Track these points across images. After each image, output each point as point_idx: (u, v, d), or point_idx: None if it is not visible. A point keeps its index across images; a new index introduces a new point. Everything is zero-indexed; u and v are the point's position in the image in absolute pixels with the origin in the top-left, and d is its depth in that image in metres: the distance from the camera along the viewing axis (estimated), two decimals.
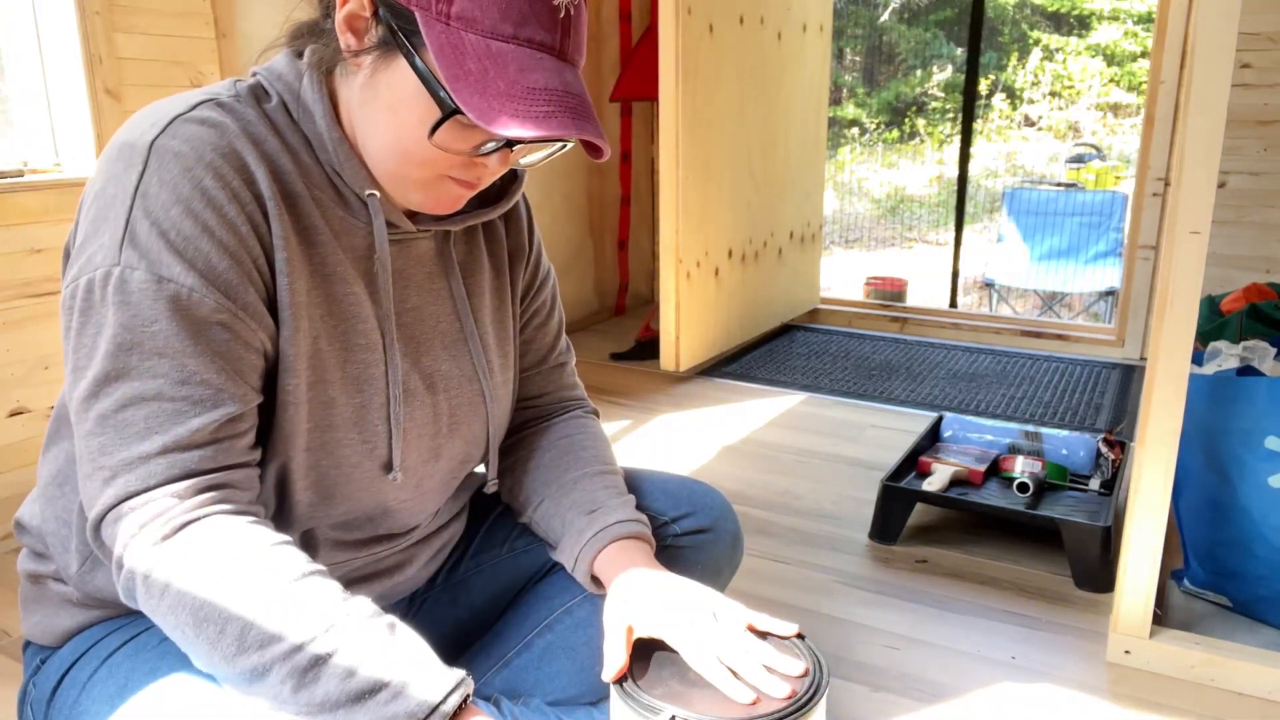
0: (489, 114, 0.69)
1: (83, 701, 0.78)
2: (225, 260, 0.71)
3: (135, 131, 0.73)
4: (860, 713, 1.29)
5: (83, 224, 0.73)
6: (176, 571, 0.67)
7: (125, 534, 0.68)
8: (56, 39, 1.88)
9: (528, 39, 0.72)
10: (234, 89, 0.78)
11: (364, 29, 0.74)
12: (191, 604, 0.67)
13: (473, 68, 0.70)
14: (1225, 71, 1.17)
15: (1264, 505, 1.39)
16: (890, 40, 9.87)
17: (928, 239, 7.95)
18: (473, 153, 0.76)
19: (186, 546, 0.68)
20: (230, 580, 0.67)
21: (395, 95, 0.74)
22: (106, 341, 0.69)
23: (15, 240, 1.80)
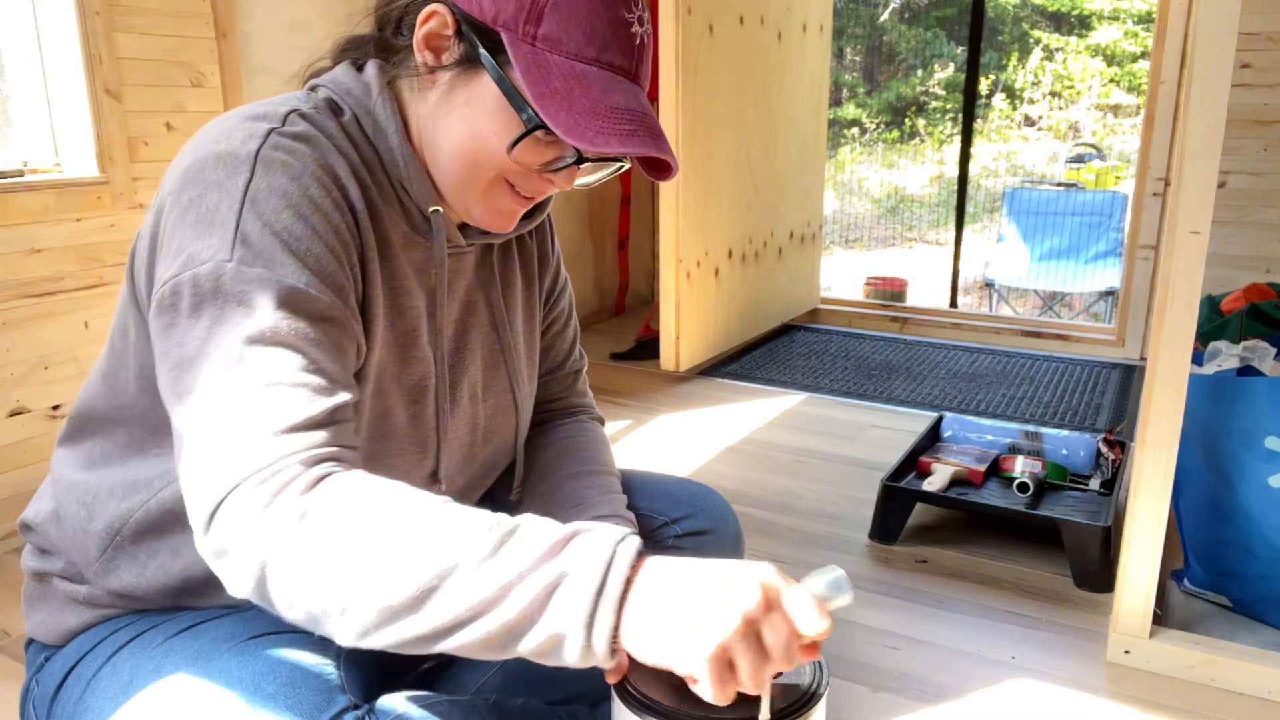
0: (575, 130, 0.72)
1: (87, 698, 0.78)
2: (333, 263, 0.73)
3: (232, 143, 0.73)
4: (860, 713, 1.29)
5: (178, 229, 0.71)
6: (338, 501, 0.64)
7: (264, 497, 0.64)
8: (56, 39, 1.88)
9: (608, 62, 0.76)
10: (311, 101, 0.79)
11: (443, 47, 0.77)
12: (363, 520, 0.63)
13: (559, 86, 0.73)
14: (1225, 71, 1.17)
15: (1264, 505, 1.39)
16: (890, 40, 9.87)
17: (928, 239, 7.95)
18: (544, 168, 0.79)
19: (339, 484, 0.65)
20: (394, 499, 0.65)
21: (474, 110, 0.77)
22: (224, 333, 0.68)
23: (15, 240, 1.80)
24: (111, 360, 0.83)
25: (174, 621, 0.81)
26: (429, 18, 0.76)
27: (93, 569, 0.83)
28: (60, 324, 1.90)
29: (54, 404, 1.90)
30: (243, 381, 0.66)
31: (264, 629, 0.80)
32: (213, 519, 0.64)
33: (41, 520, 0.87)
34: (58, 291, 1.89)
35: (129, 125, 1.98)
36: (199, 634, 0.79)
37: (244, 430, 0.65)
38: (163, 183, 0.76)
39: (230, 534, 0.63)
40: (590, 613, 0.61)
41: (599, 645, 0.61)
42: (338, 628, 0.63)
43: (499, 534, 0.63)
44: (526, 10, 0.74)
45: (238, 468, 0.64)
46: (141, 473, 0.82)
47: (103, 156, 1.94)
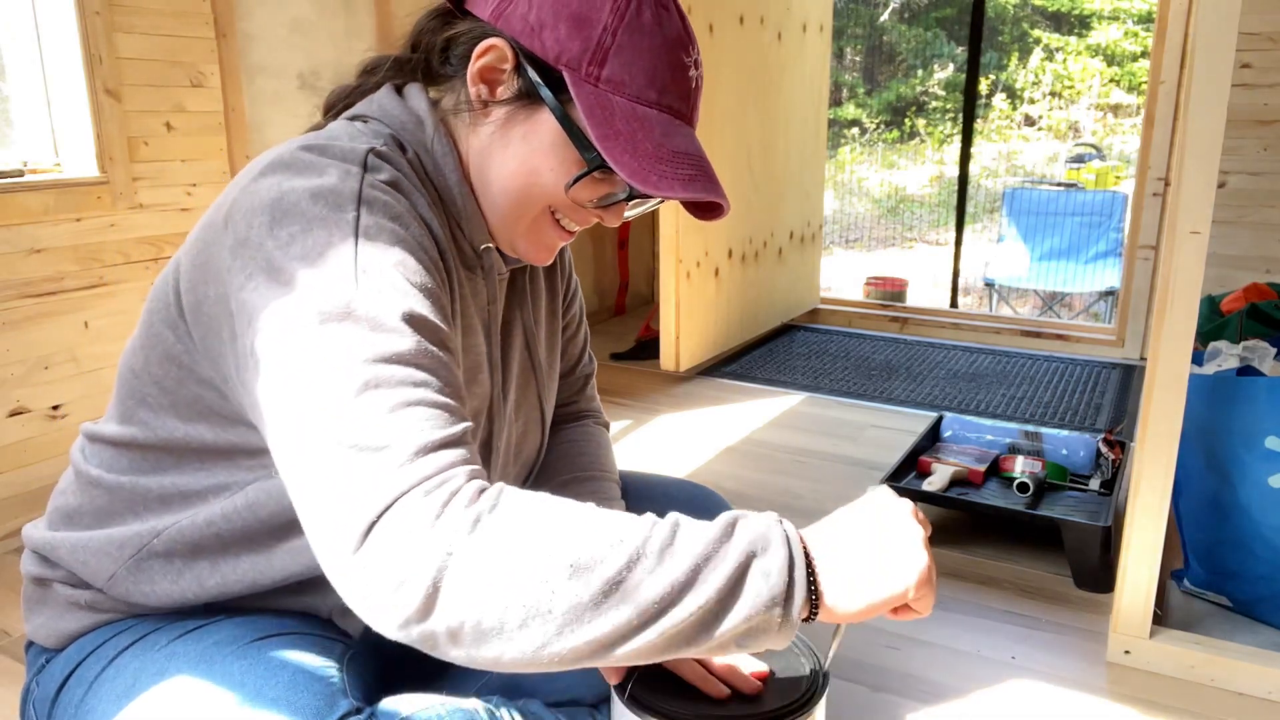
0: (639, 174, 0.73)
1: (89, 701, 0.78)
2: (443, 295, 0.74)
3: (327, 180, 0.71)
4: (860, 713, 1.29)
5: (284, 262, 0.68)
6: (508, 508, 0.62)
7: (434, 507, 0.61)
8: (56, 39, 1.88)
9: (667, 105, 0.77)
10: (380, 137, 0.78)
11: (499, 81, 0.78)
12: (538, 524, 0.62)
13: (621, 128, 0.74)
14: (1225, 71, 1.17)
15: (1264, 505, 1.39)
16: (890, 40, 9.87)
17: (928, 239, 7.95)
18: (597, 204, 0.80)
19: (501, 494, 0.64)
20: (558, 503, 0.64)
21: (531, 146, 0.78)
22: (358, 354, 0.65)
23: (15, 240, 1.80)
24: (151, 394, 0.79)
25: (177, 625, 0.81)
26: (487, 51, 0.76)
27: (110, 575, 0.81)
28: (60, 324, 1.90)
29: (54, 404, 1.90)
30: (385, 400, 0.63)
31: (267, 632, 0.80)
32: (369, 533, 0.59)
33: (48, 534, 0.86)
34: (58, 291, 1.89)
35: (129, 125, 1.98)
36: (202, 637, 0.79)
37: (395, 446, 0.62)
38: (229, 219, 0.72)
39: (396, 547, 0.59)
40: (787, 583, 0.63)
41: (797, 614, 0.63)
42: (516, 642, 0.59)
43: (668, 526, 0.63)
44: (591, 51, 0.74)
45: (396, 481, 0.61)
46: (191, 484, 0.80)
47: (103, 156, 1.94)
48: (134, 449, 0.81)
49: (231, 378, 0.73)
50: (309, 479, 0.62)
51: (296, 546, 0.80)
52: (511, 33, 0.76)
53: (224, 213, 0.73)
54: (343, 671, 0.79)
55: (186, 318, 0.75)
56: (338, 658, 0.81)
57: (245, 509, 0.78)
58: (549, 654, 0.59)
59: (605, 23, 0.75)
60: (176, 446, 0.79)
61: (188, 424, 0.78)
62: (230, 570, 0.80)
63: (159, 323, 0.78)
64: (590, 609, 0.59)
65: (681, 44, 0.78)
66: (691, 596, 0.60)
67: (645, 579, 0.60)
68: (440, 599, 0.58)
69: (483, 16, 0.78)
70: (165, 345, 0.77)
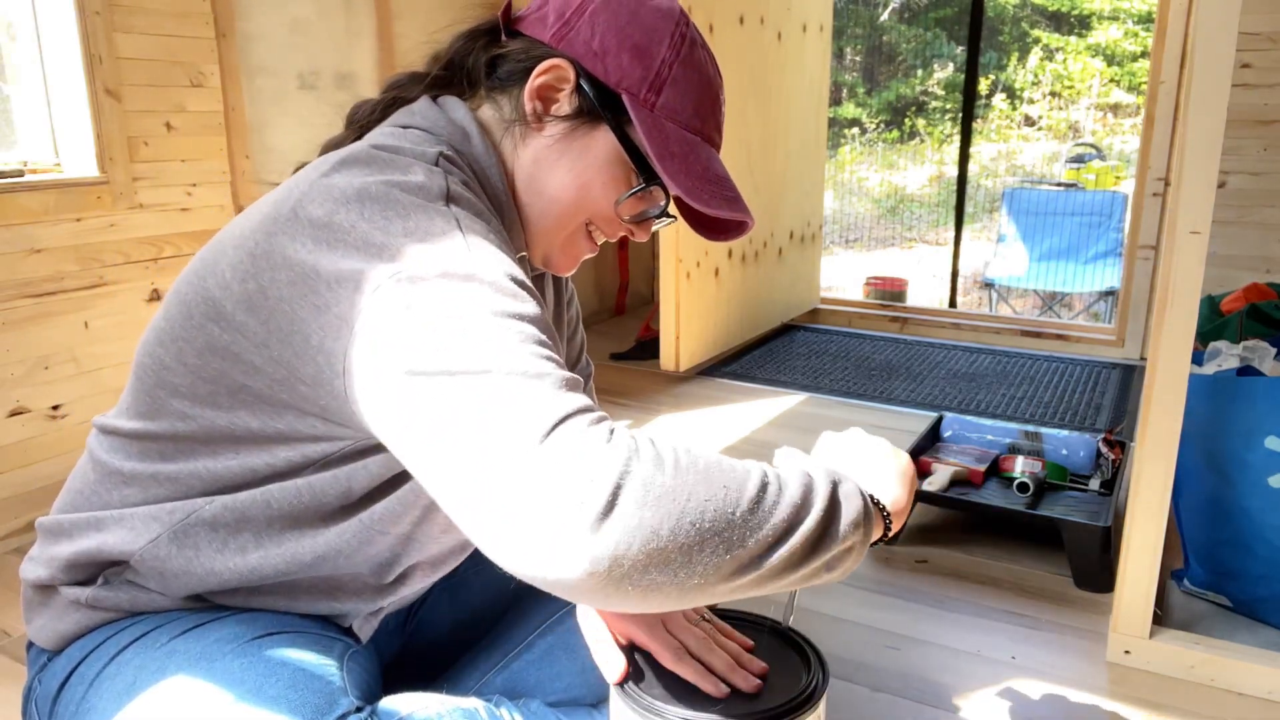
0: (694, 192, 0.80)
1: (90, 698, 0.78)
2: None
3: (413, 175, 0.72)
4: (860, 713, 1.29)
5: (385, 238, 0.68)
6: (665, 440, 0.64)
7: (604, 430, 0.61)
8: (56, 39, 1.89)
9: (708, 135, 0.86)
10: (435, 143, 0.80)
11: (554, 99, 0.83)
12: (693, 454, 0.64)
13: (676, 151, 0.81)
14: (1225, 71, 1.17)
15: (1264, 505, 1.39)
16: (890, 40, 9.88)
17: (928, 239, 7.95)
18: (634, 219, 0.87)
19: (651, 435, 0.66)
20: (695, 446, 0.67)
21: (586, 162, 0.84)
22: (493, 310, 0.65)
23: (15, 240, 1.80)
24: (186, 385, 0.78)
25: (177, 623, 0.81)
26: (548, 70, 0.82)
27: (154, 538, 0.80)
28: (60, 324, 1.90)
29: (54, 404, 1.90)
30: (530, 344, 0.64)
31: (268, 630, 0.80)
32: (552, 433, 0.59)
33: (82, 487, 0.84)
34: (58, 291, 1.89)
35: (129, 125, 1.98)
36: (202, 635, 0.79)
37: (552, 376, 0.63)
38: (299, 209, 0.71)
39: (580, 450, 0.58)
40: (862, 505, 0.69)
41: (870, 531, 0.70)
42: (675, 560, 0.59)
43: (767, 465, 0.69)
44: (650, 80, 0.82)
45: (564, 401, 0.61)
46: (228, 469, 0.80)
47: (103, 156, 1.94)
48: (164, 440, 0.80)
49: (312, 349, 0.70)
50: (474, 400, 0.60)
51: (343, 529, 0.80)
52: (574, 55, 0.83)
53: (290, 206, 0.72)
54: (343, 670, 0.79)
55: (239, 308, 0.74)
56: (337, 657, 0.81)
57: (305, 487, 0.78)
58: (702, 571, 0.60)
59: (664, 56, 0.83)
60: (215, 435, 0.78)
61: (230, 412, 0.77)
62: (273, 547, 0.80)
63: (200, 316, 0.76)
64: (740, 528, 0.61)
65: (718, 82, 0.88)
66: (809, 519, 0.65)
67: (777, 500, 0.63)
68: (622, 502, 0.57)
69: (541, 38, 0.84)
70: (208, 337, 0.76)
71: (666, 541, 0.58)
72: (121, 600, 0.82)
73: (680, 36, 0.84)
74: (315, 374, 0.71)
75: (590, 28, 0.83)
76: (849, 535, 0.67)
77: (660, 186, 0.84)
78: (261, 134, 2.26)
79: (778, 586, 0.65)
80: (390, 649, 1.03)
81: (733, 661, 0.79)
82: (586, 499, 0.56)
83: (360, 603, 0.88)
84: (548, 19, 0.85)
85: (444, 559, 0.92)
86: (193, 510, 0.79)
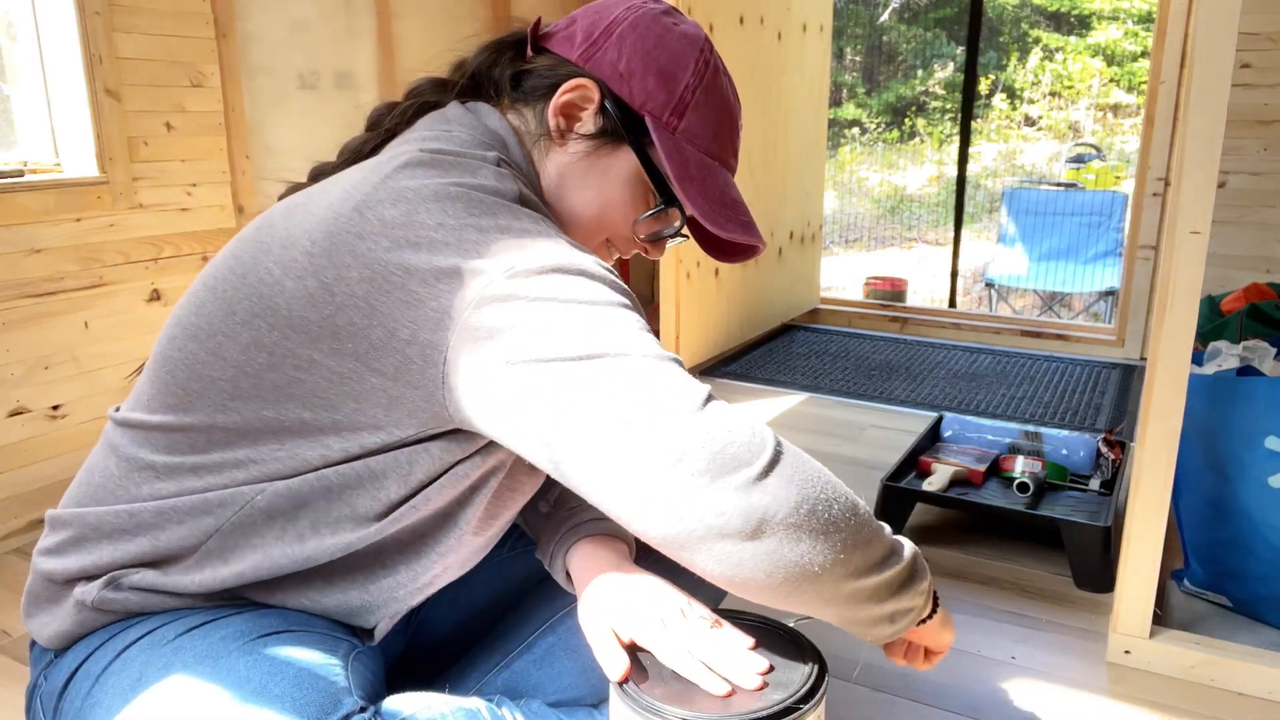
0: (710, 215, 0.83)
1: (95, 694, 0.78)
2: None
3: (483, 179, 0.74)
4: (860, 713, 1.29)
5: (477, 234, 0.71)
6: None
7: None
8: (56, 39, 1.89)
9: (725, 161, 0.88)
10: (494, 151, 0.82)
11: (578, 117, 0.85)
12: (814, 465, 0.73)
13: (695, 174, 0.83)
14: (1225, 71, 1.17)
15: (1264, 505, 1.39)
16: (890, 40, 9.88)
17: (928, 239, 7.95)
18: (650, 237, 0.89)
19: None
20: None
21: (609, 179, 0.86)
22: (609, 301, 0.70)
23: (15, 240, 1.80)
24: (227, 379, 0.78)
25: (183, 620, 0.80)
26: (574, 89, 0.84)
27: (214, 531, 0.79)
28: (60, 324, 1.90)
29: (54, 404, 1.90)
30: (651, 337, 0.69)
31: (273, 629, 0.80)
32: (707, 404, 0.66)
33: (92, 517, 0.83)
34: (58, 291, 1.89)
35: (129, 125, 1.98)
36: (208, 632, 0.79)
37: (678, 365, 0.69)
38: (368, 209, 0.73)
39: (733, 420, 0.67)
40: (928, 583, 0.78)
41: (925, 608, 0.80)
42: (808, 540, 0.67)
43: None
44: (674, 105, 0.84)
45: (702, 385, 0.68)
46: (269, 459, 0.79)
47: (103, 156, 1.94)
48: (198, 432, 0.80)
49: (401, 342, 0.71)
50: (625, 379, 0.65)
51: (398, 517, 0.80)
52: (600, 75, 0.84)
53: (352, 206, 0.73)
54: (347, 670, 0.79)
55: (295, 304, 0.74)
56: (342, 656, 0.81)
57: (364, 469, 0.78)
58: (822, 562, 0.67)
59: (688, 81, 0.84)
60: (259, 425, 0.78)
61: (278, 405, 0.77)
62: (329, 535, 0.79)
63: (244, 313, 0.76)
64: (857, 532, 0.70)
65: (738, 109, 0.89)
66: (904, 553, 0.75)
67: (876, 535, 0.72)
68: (777, 471, 0.67)
69: (568, 57, 0.86)
70: (254, 333, 0.76)
71: (805, 518, 0.66)
72: (131, 603, 0.82)
73: (704, 63, 0.86)
74: (399, 366, 0.72)
75: (618, 50, 0.85)
76: (921, 592, 0.76)
77: (677, 207, 0.86)
78: (262, 134, 2.26)
79: (863, 612, 0.74)
80: (394, 649, 1.03)
81: (735, 659, 0.79)
82: (746, 462, 0.65)
83: (391, 600, 0.88)
84: (575, 38, 0.87)
85: (470, 559, 0.92)
86: (245, 501, 0.79)
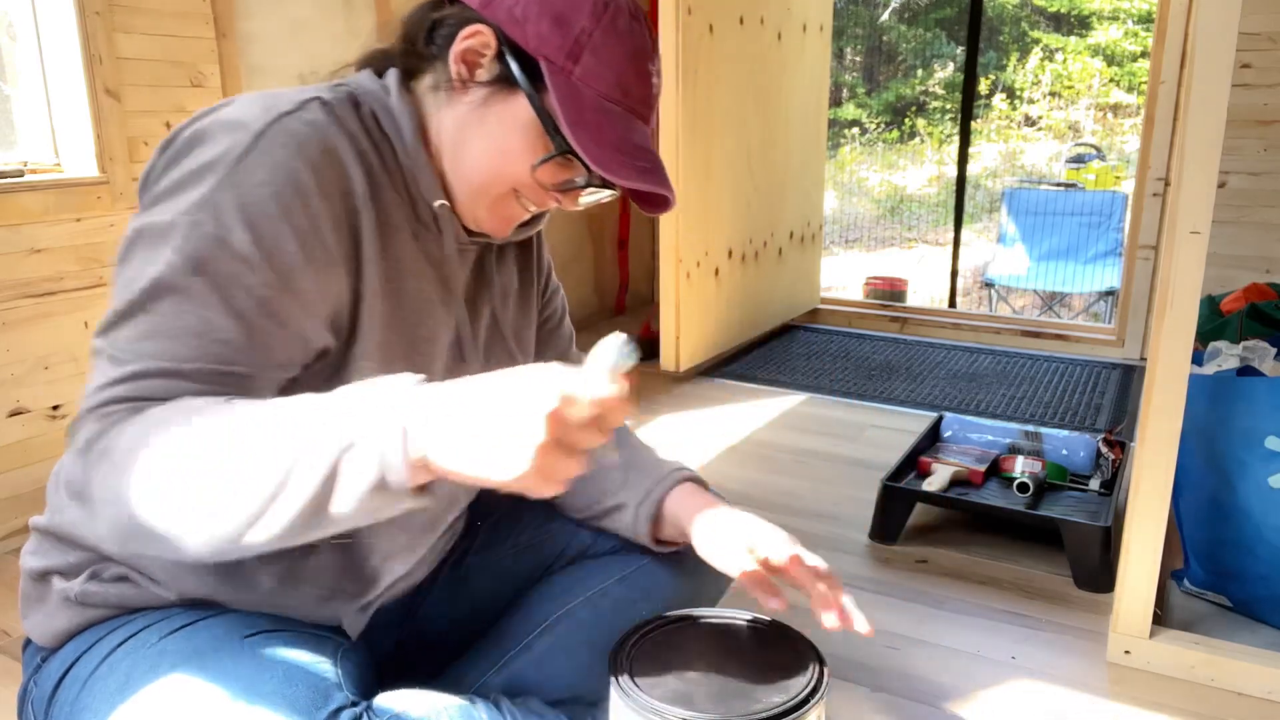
0: (602, 161, 0.80)
1: (84, 698, 0.78)
2: (294, 245, 0.75)
3: (247, 115, 0.76)
4: (860, 713, 1.29)
5: (171, 175, 0.75)
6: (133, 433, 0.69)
7: (88, 434, 0.69)
8: (56, 39, 1.88)
9: (630, 106, 0.85)
10: (331, 93, 0.83)
11: (478, 64, 0.83)
12: (143, 445, 0.67)
13: (589, 119, 0.81)
14: (1225, 71, 1.17)
15: (1264, 505, 1.39)
16: (890, 40, 9.88)
17: (928, 239, 7.95)
18: (556, 187, 0.86)
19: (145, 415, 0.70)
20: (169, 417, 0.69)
21: (505, 126, 0.83)
22: (148, 278, 0.72)
23: (15, 240, 1.80)
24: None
25: (168, 621, 0.81)
26: (472, 35, 0.82)
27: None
28: (60, 324, 1.90)
29: (54, 404, 1.90)
30: (148, 326, 0.72)
31: (259, 628, 0.80)
32: (79, 421, 0.71)
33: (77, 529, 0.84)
34: (58, 291, 1.88)
35: (129, 125, 1.98)
36: (194, 633, 0.79)
37: (126, 364, 0.71)
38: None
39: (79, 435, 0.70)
40: (379, 471, 0.64)
41: (401, 488, 0.64)
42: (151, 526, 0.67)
43: (272, 426, 0.67)
44: (569, 47, 0.81)
45: (110, 392, 0.71)
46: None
47: (103, 156, 1.94)
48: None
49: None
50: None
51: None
52: (497, 21, 0.82)
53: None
54: (337, 666, 0.79)
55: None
56: (330, 654, 0.81)
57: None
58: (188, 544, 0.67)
59: (584, 24, 0.82)
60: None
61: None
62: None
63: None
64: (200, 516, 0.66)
65: (646, 54, 0.85)
66: (285, 498, 0.65)
67: (241, 489, 0.65)
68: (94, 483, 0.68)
69: (471, 4, 0.84)
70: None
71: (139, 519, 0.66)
72: (110, 596, 0.82)
73: (604, 5, 0.83)
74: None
75: None
76: (362, 499, 0.65)
77: (574, 155, 0.82)
78: None
79: (296, 537, 0.67)
80: (386, 646, 1.03)
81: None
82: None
83: (346, 599, 0.90)
84: None
85: (413, 544, 0.95)
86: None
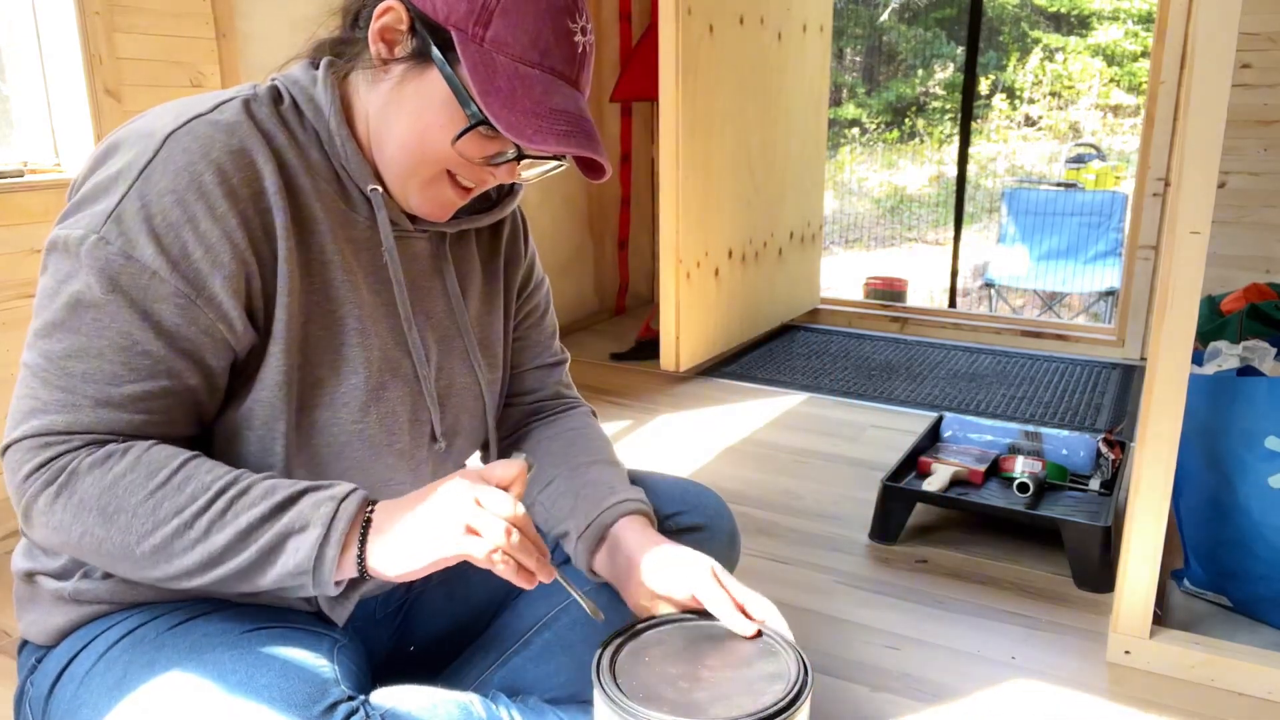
0: (515, 127, 0.78)
1: (81, 695, 0.78)
2: (200, 251, 0.75)
3: (158, 123, 0.78)
4: (860, 713, 1.29)
5: (87, 185, 0.77)
6: (82, 483, 0.74)
7: (30, 464, 0.74)
8: (56, 39, 1.88)
9: (550, 67, 0.81)
10: (253, 90, 0.83)
11: (396, 41, 0.81)
12: (96, 504, 0.73)
13: (503, 86, 0.78)
14: (1225, 71, 1.17)
15: (1264, 505, 1.39)
16: (890, 40, 9.87)
17: (927, 239, 7.95)
18: (486, 161, 0.83)
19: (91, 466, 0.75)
20: (126, 478, 0.74)
21: (423, 102, 0.81)
22: (68, 295, 0.74)
23: (15, 240, 1.80)
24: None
25: (165, 618, 0.81)
26: (385, 12, 0.80)
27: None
28: None
29: None
30: (68, 347, 0.74)
31: (256, 624, 0.80)
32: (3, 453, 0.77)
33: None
34: None
35: None
36: (191, 629, 0.79)
37: (52, 392, 0.74)
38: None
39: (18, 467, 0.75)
40: (314, 559, 0.74)
41: (327, 578, 0.75)
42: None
43: (229, 499, 0.75)
44: (477, 13, 0.78)
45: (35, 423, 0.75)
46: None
47: None
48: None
49: None
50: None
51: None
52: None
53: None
54: (334, 661, 0.79)
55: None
56: (327, 650, 0.81)
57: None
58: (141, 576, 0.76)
59: None
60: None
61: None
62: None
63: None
64: (145, 563, 0.74)
65: (567, 11, 0.81)
66: (230, 563, 0.74)
67: (191, 548, 0.74)
68: (36, 522, 0.75)
69: None
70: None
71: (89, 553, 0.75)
72: (103, 593, 0.82)
73: None
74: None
75: None
76: (286, 579, 0.75)
77: (489, 124, 0.80)
78: None
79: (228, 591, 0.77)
80: (381, 645, 1.03)
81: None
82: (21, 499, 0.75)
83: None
84: None
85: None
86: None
